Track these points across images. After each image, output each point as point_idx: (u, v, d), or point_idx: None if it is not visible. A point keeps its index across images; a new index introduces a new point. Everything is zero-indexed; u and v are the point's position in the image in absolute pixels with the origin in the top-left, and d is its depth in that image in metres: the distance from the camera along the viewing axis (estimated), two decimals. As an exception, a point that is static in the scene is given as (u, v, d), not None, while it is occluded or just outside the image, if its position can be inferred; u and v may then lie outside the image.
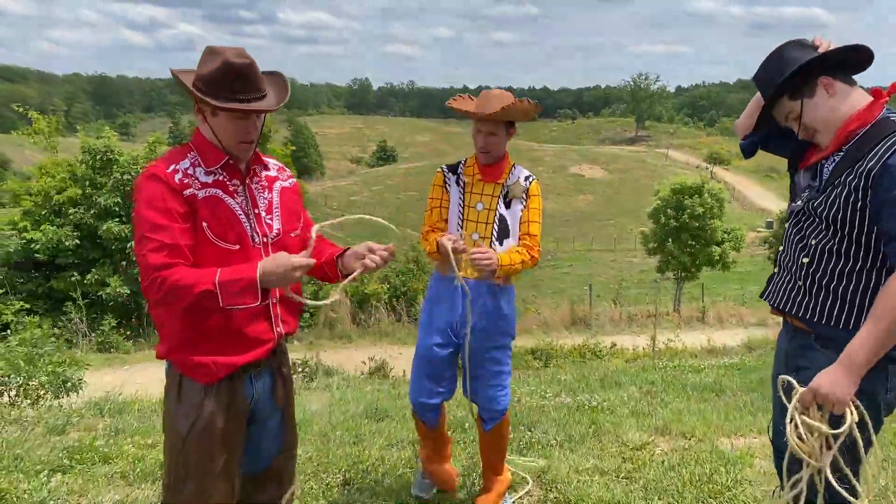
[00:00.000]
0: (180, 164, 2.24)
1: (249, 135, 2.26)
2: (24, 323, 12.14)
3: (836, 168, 2.29)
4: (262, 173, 2.43)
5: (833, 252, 2.27)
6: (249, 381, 2.36)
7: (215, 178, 2.26)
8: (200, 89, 2.19)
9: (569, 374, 8.27)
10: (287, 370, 2.51)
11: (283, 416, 2.49)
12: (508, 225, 3.44)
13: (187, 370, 2.28)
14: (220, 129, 2.25)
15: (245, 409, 2.35)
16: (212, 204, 2.22)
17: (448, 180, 3.52)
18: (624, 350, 12.42)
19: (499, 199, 3.45)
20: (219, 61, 2.17)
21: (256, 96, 2.22)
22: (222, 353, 2.25)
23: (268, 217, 2.36)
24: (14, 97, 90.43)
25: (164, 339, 2.31)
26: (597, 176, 78.31)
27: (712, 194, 26.06)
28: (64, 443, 4.71)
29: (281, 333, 2.39)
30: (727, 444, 4.58)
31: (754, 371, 8.03)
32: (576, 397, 6.21)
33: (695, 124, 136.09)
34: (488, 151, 3.40)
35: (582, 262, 46.83)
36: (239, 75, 2.16)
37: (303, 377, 8.87)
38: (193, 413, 2.27)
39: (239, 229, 2.26)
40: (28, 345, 6.59)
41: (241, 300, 2.12)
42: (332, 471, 4.11)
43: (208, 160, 2.27)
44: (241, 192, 2.31)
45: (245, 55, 2.20)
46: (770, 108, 2.42)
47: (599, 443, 4.60)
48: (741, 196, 66.78)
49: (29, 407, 6.10)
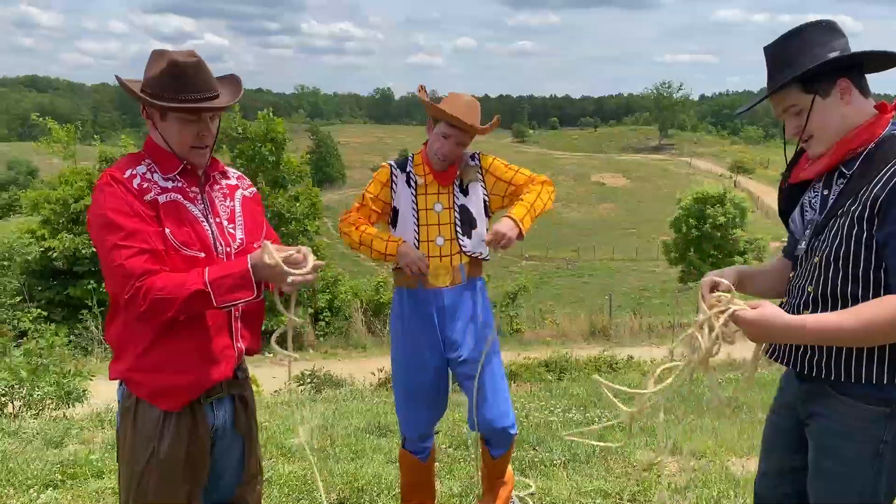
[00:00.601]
0: (136, 168, 2.12)
1: (203, 139, 2.14)
2: (41, 330, 12.22)
3: (839, 197, 1.97)
4: (222, 181, 2.31)
5: (838, 297, 1.93)
6: (210, 408, 2.22)
7: (174, 185, 2.15)
8: (147, 93, 2.08)
9: (582, 387, 8.10)
10: (249, 395, 2.37)
11: (245, 444, 2.34)
12: (472, 213, 3.18)
13: (146, 394, 2.14)
14: (170, 133, 2.13)
15: (207, 437, 2.21)
16: (173, 209, 2.10)
17: (396, 179, 3.21)
18: (642, 363, 12.17)
19: (453, 190, 3.18)
20: (164, 62, 2.06)
21: (206, 96, 2.10)
22: (186, 371, 2.11)
23: (230, 226, 2.23)
24: (43, 107, 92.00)
25: (124, 358, 2.15)
26: (619, 184, 77.83)
27: (735, 203, 25.74)
28: (60, 456, 4.64)
29: (241, 350, 2.26)
30: (739, 465, 4.39)
31: (775, 385, 7.80)
32: (585, 413, 6.05)
33: (718, 133, 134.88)
34: (453, 161, 3.17)
35: (603, 271, 46.47)
36: (185, 74, 2.05)
37: (310, 388, 8.77)
38: (151, 443, 2.12)
39: (203, 236, 2.13)
40: (33, 355, 6.55)
41: (237, 295, 1.99)
42: (326, 489, 3.99)
43: (164, 167, 2.15)
44: (201, 199, 2.19)
45: (193, 54, 2.10)
46: (773, 91, 2.04)
47: (606, 463, 4.44)
48: (765, 205, 65.93)
49: (32, 418, 6.07)
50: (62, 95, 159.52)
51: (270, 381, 10.39)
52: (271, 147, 20.48)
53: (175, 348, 2.10)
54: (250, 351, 2.33)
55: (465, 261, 3.18)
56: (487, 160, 3.24)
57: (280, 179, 20.55)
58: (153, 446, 2.12)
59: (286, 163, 20.83)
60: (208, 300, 1.97)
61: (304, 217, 20.05)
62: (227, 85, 2.23)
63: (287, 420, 5.72)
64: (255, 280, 2.00)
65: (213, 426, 2.24)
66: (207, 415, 2.21)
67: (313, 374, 9.05)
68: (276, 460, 4.58)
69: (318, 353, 15.23)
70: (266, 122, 20.64)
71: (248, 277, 1.99)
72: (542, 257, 49.84)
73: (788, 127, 2.08)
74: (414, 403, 3.28)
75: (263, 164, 20.27)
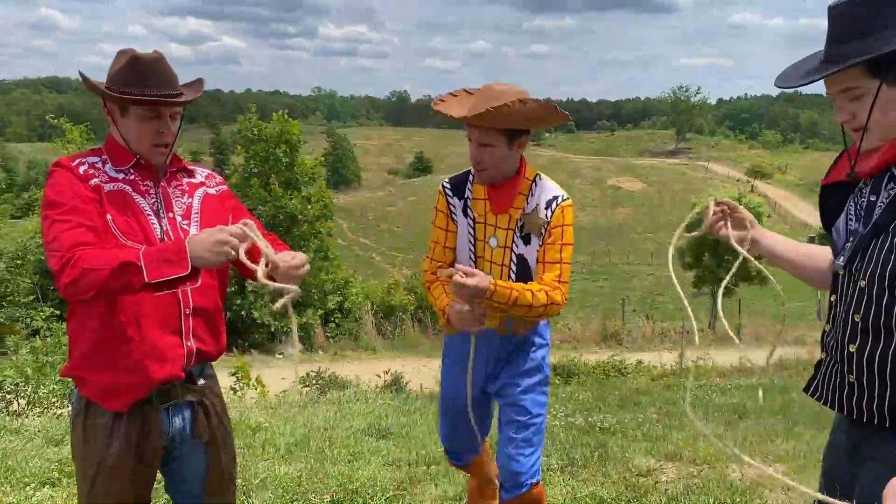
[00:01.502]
0: (87, 158, 2.15)
1: (162, 136, 2.13)
2: (53, 329, 12.33)
3: (890, 205, 1.67)
4: (184, 179, 2.28)
5: (893, 327, 1.61)
6: (166, 415, 2.18)
7: (126, 177, 2.14)
8: (110, 89, 2.09)
9: (588, 392, 8.05)
10: (215, 402, 2.30)
11: (208, 454, 2.28)
12: (530, 267, 2.68)
13: (93, 394, 2.11)
14: (129, 130, 2.13)
15: (158, 446, 2.17)
16: (118, 198, 2.09)
17: (453, 206, 2.76)
18: (651, 367, 12.09)
19: (514, 232, 2.67)
20: (126, 58, 2.08)
21: (168, 93, 2.09)
22: (130, 369, 2.07)
23: (184, 222, 2.19)
24: (61, 109, 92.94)
25: (73, 355, 2.14)
26: (635, 188, 77.44)
27: (750, 208, 25.48)
28: (59, 454, 4.66)
29: (192, 349, 2.17)
30: (738, 472, 4.33)
31: (783, 392, 7.71)
32: (588, 418, 6.00)
33: (736, 137, 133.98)
34: (484, 169, 2.61)
35: (618, 275, 46.26)
36: (146, 69, 2.06)
37: (316, 390, 8.78)
38: (99, 455, 2.11)
39: (146, 228, 2.10)
40: (39, 353, 6.59)
41: (169, 270, 1.89)
42: (320, 491, 3.98)
43: (118, 160, 2.15)
44: (154, 193, 2.17)
45: (155, 53, 2.11)
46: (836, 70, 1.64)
47: (603, 468, 4.39)
48: (783, 210, 65.36)
49: (37, 416, 6.10)
50: (81, 96, 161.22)
51: (279, 383, 10.42)
52: (286, 149, 20.55)
53: (119, 345, 2.06)
54: (209, 354, 2.25)
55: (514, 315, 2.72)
56: (558, 218, 2.65)
57: (293, 181, 20.61)
58: (102, 453, 2.10)
59: (300, 164, 20.89)
60: (139, 273, 1.88)
61: (315, 219, 20.10)
62: (190, 87, 2.23)
63: (288, 422, 5.71)
64: (190, 257, 1.90)
65: (169, 433, 2.19)
66: (163, 421, 2.17)
67: (318, 376, 9.05)
68: (272, 461, 4.57)
69: (328, 355, 15.27)
70: (281, 124, 20.73)
71: (182, 253, 1.90)
72: (556, 261, 49.63)
73: (840, 110, 1.73)
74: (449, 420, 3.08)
75: (277, 166, 20.33)
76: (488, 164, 2.58)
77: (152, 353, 2.08)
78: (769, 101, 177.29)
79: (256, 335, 17.83)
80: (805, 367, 11.90)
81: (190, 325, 2.16)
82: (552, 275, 2.63)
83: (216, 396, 2.32)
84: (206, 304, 2.20)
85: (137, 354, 2.07)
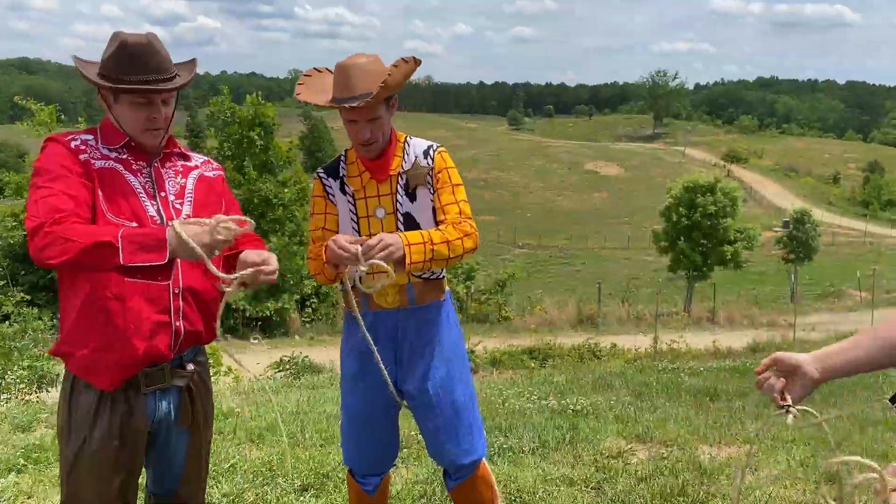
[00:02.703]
0: (81, 136, 2.14)
1: (154, 121, 2.11)
2: (23, 314, 12.13)
3: None
4: (179, 161, 2.27)
5: None
6: (153, 399, 2.16)
7: (118, 156, 2.13)
8: (102, 75, 2.06)
9: (563, 374, 8.10)
10: (202, 390, 2.28)
11: (190, 440, 2.26)
12: (418, 223, 2.57)
13: (78, 369, 2.09)
14: (122, 116, 2.11)
15: (143, 429, 2.14)
16: (108, 176, 2.08)
17: (329, 189, 2.65)
18: (626, 351, 12.20)
19: (397, 193, 2.59)
20: (116, 43, 2.04)
21: (159, 78, 2.06)
22: (113, 344, 2.03)
23: (177, 201, 2.18)
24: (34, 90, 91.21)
25: (61, 331, 2.13)
26: (612, 173, 77.78)
27: (725, 193, 25.72)
28: (25, 441, 4.59)
29: (180, 329, 2.13)
30: (708, 453, 4.37)
31: (754, 374, 7.81)
32: (562, 400, 6.03)
33: (713, 122, 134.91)
34: (374, 142, 2.51)
35: (594, 260, 46.50)
36: (135, 56, 2.02)
37: (290, 374, 8.74)
38: (82, 433, 2.07)
39: (136, 206, 2.07)
40: (5, 338, 6.49)
41: (146, 256, 1.89)
42: (290, 475, 3.95)
43: (110, 139, 2.15)
44: (146, 173, 2.15)
45: (145, 37, 2.06)
46: None
47: (574, 450, 4.41)
48: (758, 195, 66.02)
49: (4, 402, 6.02)
50: (53, 78, 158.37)
51: (253, 367, 10.36)
52: (260, 131, 20.33)
53: (103, 320, 2.03)
54: (199, 336, 2.22)
55: (412, 280, 2.60)
56: (441, 163, 2.61)
57: (268, 164, 20.41)
58: (85, 435, 2.07)
59: (275, 147, 20.68)
60: (115, 253, 1.87)
61: (290, 203, 19.93)
62: (185, 68, 2.19)
63: (259, 408, 5.68)
64: (169, 247, 1.90)
65: (155, 417, 2.17)
66: (148, 405, 2.14)
67: (292, 360, 9.01)
68: (243, 446, 4.53)
69: (304, 340, 15.22)
70: (255, 107, 20.48)
71: (162, 240, 1.90)
72: (534, 245, 49.87)
73: None
74: (356, 432, 2.74)
75: (251, 149, 20.12)
76: (378, 136, 2.52)
77: (136, 330, 2.05)
78: (746, 86, 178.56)
79: (230, 320, 17.70)
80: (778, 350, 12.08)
81: (180, 305, 2.13)
82: (453, 213, 2.56)
83: (203, 383, 2.29)
84: (196, 286, 2.15)
85: (121, 330, 2.03)
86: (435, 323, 2.67)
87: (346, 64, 2.45)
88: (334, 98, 2.47)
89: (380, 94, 2.37)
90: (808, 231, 34.10)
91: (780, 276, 35.92)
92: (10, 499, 3.64)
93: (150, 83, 2.04)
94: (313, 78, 2.61)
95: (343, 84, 2.43)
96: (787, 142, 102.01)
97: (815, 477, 3.90)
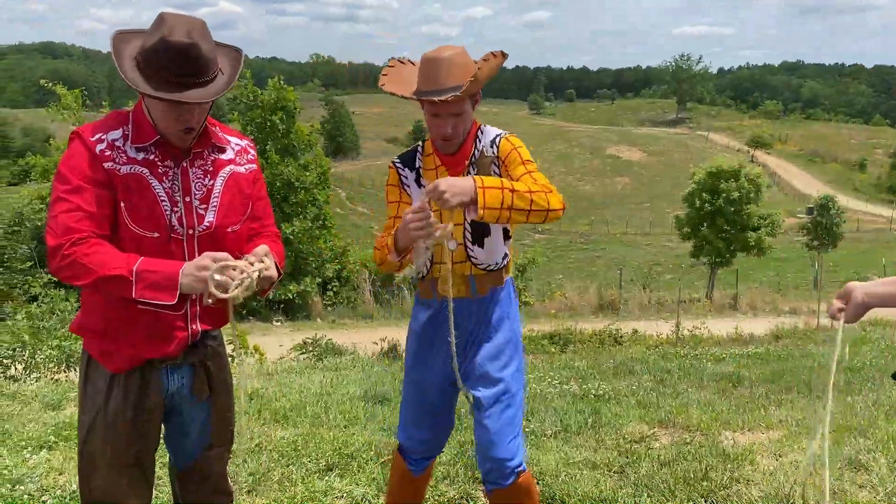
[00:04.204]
0: (109, 134, 2.04)
1: (186, 122, 2.02)
2: (51, 296, 12.33)
3: None
4: (210, 157, 2.17)
5: None
6: (166, 372, 2.19)
7: (145, 157, 2.06)
8: (139, 65, 1.99)
9: (584, 360, 8.09)
10: (217, 364, 2.30)
11: (210, 411, 2.30)
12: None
13: (95, 353, 2.14)
14: (154, 111, 2.04)
15: (158, 401, 2.18)
16: (132, 182, 2.02)
17: (405, 180, 2.65)
18: (647, 337, 12.16)
19: None
20: (158, 37, 1.94)
21: (198, 80, 1.97)
22: (129, 344, 2.08)
23: (201, 206, 2.11)
24: (59, 74, 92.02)
25: (82, 312, 2.17)
26: (634, 158, 77.14)
27: (749, 178, 25.41)
28: (56, 419, 4.69)
29: (196, 331, 2.18)
30: (731, 439, 4.36)
31: (777, 361, 7.75)
32: (583, 385, 6.03)
33: (737, 107, 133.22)
34: (456, 137, 2.49)
35: (616, 245, 46.28)
36: (174, 57, 1.93)
37: (313, 356, 8.81)
38: (97, 405, 2.12)
39: (157, 215, 2.04)
40: (35, 319, 6.61)
41: (157, 294, 1.91)
42: (315, 455, 4.00)
43: (141, 136, 2.07)
44: (173, 175, 2.08)
45: (191, 34, 1.94)
46: None
47: (596, 434, 4.42)
48: (782, 181, 65.22)
49: (34, 381, 6.13)
50: (77, 62, 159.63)
51: (277, 349, 10.47)
52: (282, 115, 20.40)
53: (120, 317, 2.07)
54: (213, 328, 2.25)
55: (474, 273, 2.59)
56: (506, 146, 2.54)
57: (290, 148, 20.49)
58: (96, 410, 2.12)
59: (297, 131, 20.75)
60: (128, 288, 1.91)
61: (313, 186, 20.02)
62: (227, 62, 2.10)
63: (284, 387, 5.74)
64: (181, 286, 1.92)
65: (168, 390, 2.20)
66: (161, 379, 2.17)
67: (315, 342, 9.08)
68: (268, 426, 4.59)
69: (326, 323, 15.32)
70: (277, 91, 20.54)
71: (174, 281, 1.91)
72: (555, 230, 49.67)
73: None
74: (412, 412, 2.77)
75: (273, 133, 20.20)
76: (460, 131, 2.48)
77: (152, 333, 2.09)
78: (770, 70, 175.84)
79: (254, 302, 17.86)
80: (800, 337, 11.97)
81: (197, 311, 2.16)
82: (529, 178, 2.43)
83: (218, 356, 2.31)
84: None
85: (137, 330, 2.08)
86: (495, 312, 2.64)
87: (434, 56, 2.40)
88: (420, 91, 2.42)
89: (469, 89, 2.34)
90: (833, 217, 33.62)
91: (803, 262, 35.52)
92: (41, 475, 3.72)
93: (183, 88, 1.95)
94: (396, 69, 2.57)
95: (430, 77, 2.39)
96: (812, 127, 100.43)
97: (840, 464, 3.87)
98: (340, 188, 52.78)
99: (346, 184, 58.18)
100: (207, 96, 1.98)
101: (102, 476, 2.13)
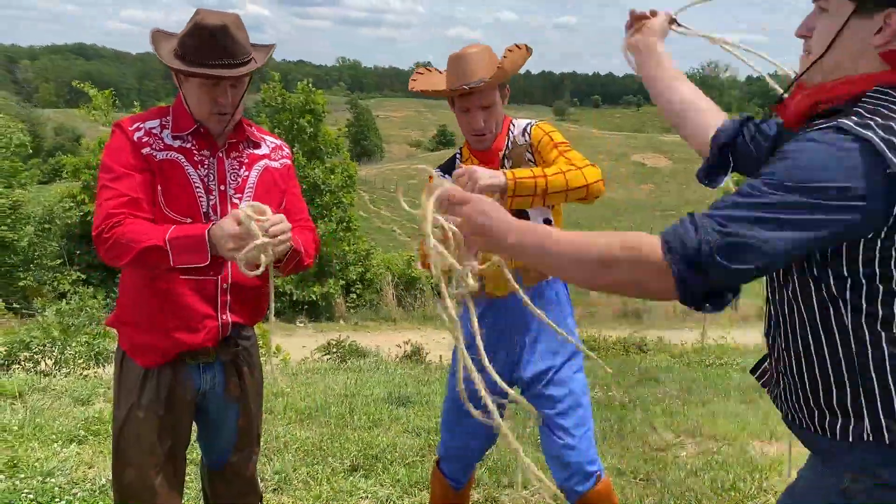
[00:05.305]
0: (146, 123, 2.13)
1: (220, 104, 2.08)
2: (80, 293, 12.52)
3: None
4: (245, 150, 2.24)
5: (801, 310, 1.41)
6: (198, 370, 2.22)
7: (182, 145, 2.12)
8: (177, 53, 2.08)
9: (607, 368, 8.04)
10: (249, 364, 2.32)
11: (239, 412, 2.32)
12: (525, 211, 2.47)
13: (129, 348, 2.18)
14: (190, 96, 2.11)
15: (190, 399, 2.21)
16: (169, 168, 2.09)
17: None
18: (671, 345, 12.05)
19: None
20: (192, 23, 2.05)
21: (231, 62, 2.04)
22: (160, 333, 2.12)
23: (236, 195, 2.17)
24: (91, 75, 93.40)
25: (118, 306, 2.23)
26: (660, 165, 76.58)
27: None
28: (85, 413, 4.75)
29: (227, 322, 2.20)
30: (758, 449, 4.32)
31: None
32: (608, 393, 6.00)
33: (765, 114, 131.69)
34: (489, 132, 2.50)
35: (640, 252, 45.94)
36: (206, 38, 2.01)
37: (336, 357, 8.85)
38: (130, 400, 2.16)
39: (191, 201, 2.09)
40: (65, 315, 6.71)
41: (191, 258, 1.96)
42: (340, 455, 4.02)
43: (179, 125, 2.14)
44: (209, 164, 2.15)
45: (224, 19, 2.03)
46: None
47: (622, 441, 4.40)
48: (811, 190, 64.30)
49: (64, 376, 6.22)
50: (108, 63, 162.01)
51: (300, 351, 10.52)
52: (310, 118, 20.52)
53: (153, 308, 2.11)
54: (245, 323, 2.28)
55: (519, 265, 2.44)
56: (538, 133, 2.53)
57: (317, 151, 20.61)
58: (132, 402, 2.16)
59: (324, 134, 20.87)
60: (165, 257, 1.96)
61: (338, 189, 20.11)
62: (261, 52, 2.18)
63: (308, 387, 5.77)
64: (210, 246, 1.95)
65: (199, 389, 2.23)
66: (193, 377, 2.20)
67: (338, 344, 9.12)
68: (293, 426, 4.62)
69: (349, 325, 15.38)
70: (305, 94, 20.68)
71: (203, 242, 1.95)
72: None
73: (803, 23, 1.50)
74: (448, 419, 2.70)
75: (301, 136, 20.33)
76: (492, 125, 2.50)
77: (184, 324, 2.13)
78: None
79: (278, 303, 18.01)
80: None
81: (227, 300, 2.19)
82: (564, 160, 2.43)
83: (250, 357, 2.33)
84: (245, 281, 2.17)
85: (170, 323, 2.12)
86: (547, 306, 2.54)
87: (460, 53, 2.47)
88: (450, 88, 2.47)
89: (496, 76, 2.39)
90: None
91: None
92: (72, 468, 3.78)
93: (215, 67, 2.02)
94: (424, 75, 2.66)
95: (459, 72, 2.44)
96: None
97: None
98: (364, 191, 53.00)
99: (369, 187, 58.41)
100: (235, 73, 2.05)
101: (135, 471, 2.16)
